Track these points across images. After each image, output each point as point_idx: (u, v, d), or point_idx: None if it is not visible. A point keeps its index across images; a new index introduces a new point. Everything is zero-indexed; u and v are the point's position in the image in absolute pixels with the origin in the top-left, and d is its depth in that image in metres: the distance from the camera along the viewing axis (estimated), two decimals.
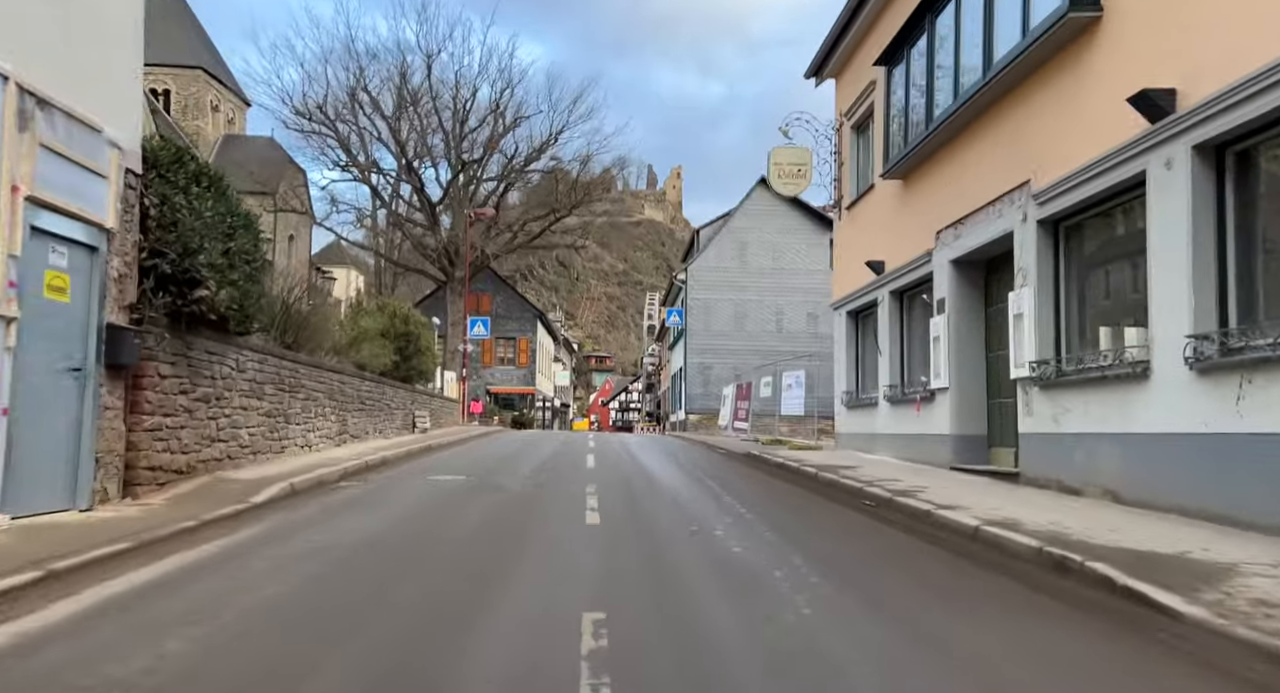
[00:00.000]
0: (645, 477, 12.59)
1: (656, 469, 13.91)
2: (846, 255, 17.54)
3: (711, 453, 19.55)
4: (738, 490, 10.84)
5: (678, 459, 16.61)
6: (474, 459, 15.06)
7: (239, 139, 57.90)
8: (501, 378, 49.22)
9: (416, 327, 20.98)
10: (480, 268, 45.85)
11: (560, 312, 77.90)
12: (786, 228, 38.76)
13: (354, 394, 15.44)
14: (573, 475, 12.35)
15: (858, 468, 12.35)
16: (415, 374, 21.96)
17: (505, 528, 7.60)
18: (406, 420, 19.89)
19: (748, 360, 38.62)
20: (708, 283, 38.55)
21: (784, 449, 18.51)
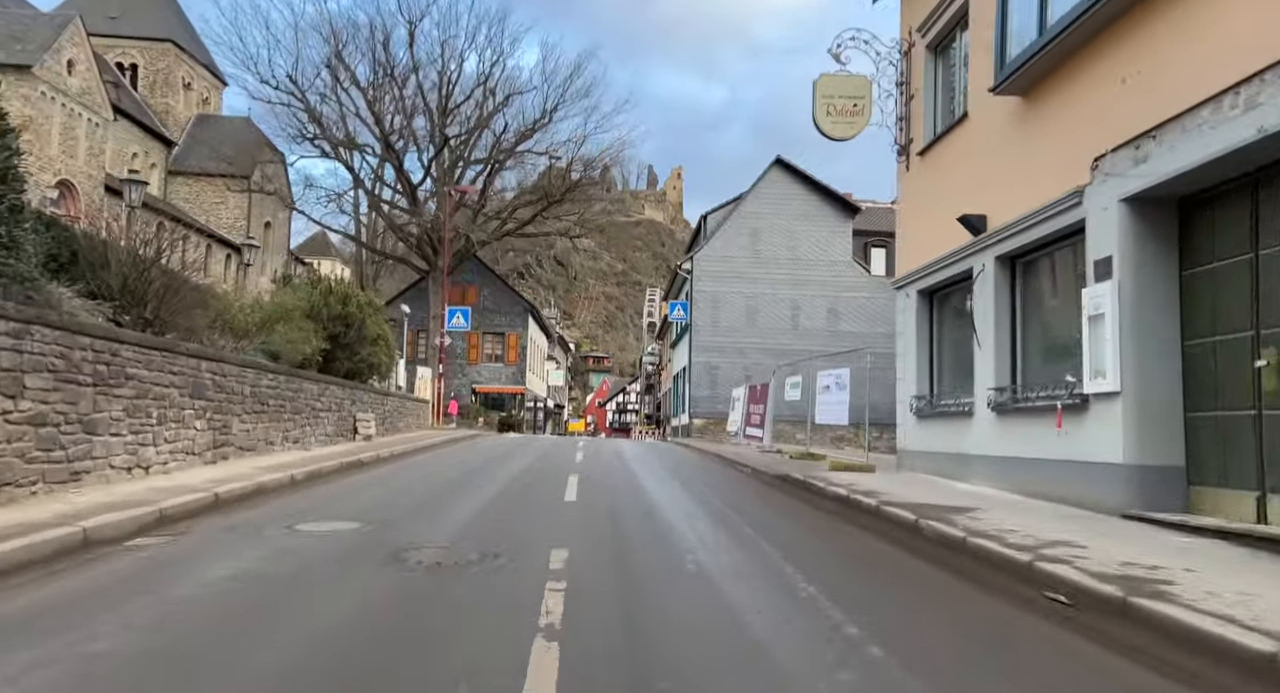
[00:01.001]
0: (652, 523, 8.10)
1: (667, 505, 9.43)
2: (918, 216, 13.11)
3: (732, 472, 15.08)
4: (808, 560, 6.36)
5: (692, 485, 12.15)
6: (403, 486, 10.57)
7: (213, 119, 53.46)
8: (489, 376, 44.77)
9: (361, 309, 16.51)
10: (466, 256, 41.37)
11: (554, 307, 73.51)
12: (804, 214, 34.36)
13: (244, 392, 10.95)
14: (538, 521, 7.89)
15: (977, 513, 7.90)
16: (364, 368, 17.51)
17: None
18: (344, 425, 15.40)
19: (759, 361, 34.18)
20: (715, 274, 34.15)
21: (824, 469, 14.08)
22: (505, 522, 7.68)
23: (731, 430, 31.30)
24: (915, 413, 12.72)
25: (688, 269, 34.84)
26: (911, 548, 7.02)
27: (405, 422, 20.98)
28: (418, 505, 8.52)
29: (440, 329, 30.65)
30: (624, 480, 12.15)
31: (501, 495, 9.68)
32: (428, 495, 9.48)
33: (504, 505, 8.82)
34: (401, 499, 9.05)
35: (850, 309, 34.37)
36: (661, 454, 20.00)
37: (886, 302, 35.86)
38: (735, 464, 16.37)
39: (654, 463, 16.60)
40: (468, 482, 11.27)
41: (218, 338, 12.00)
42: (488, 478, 11.92)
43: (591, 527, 7.60)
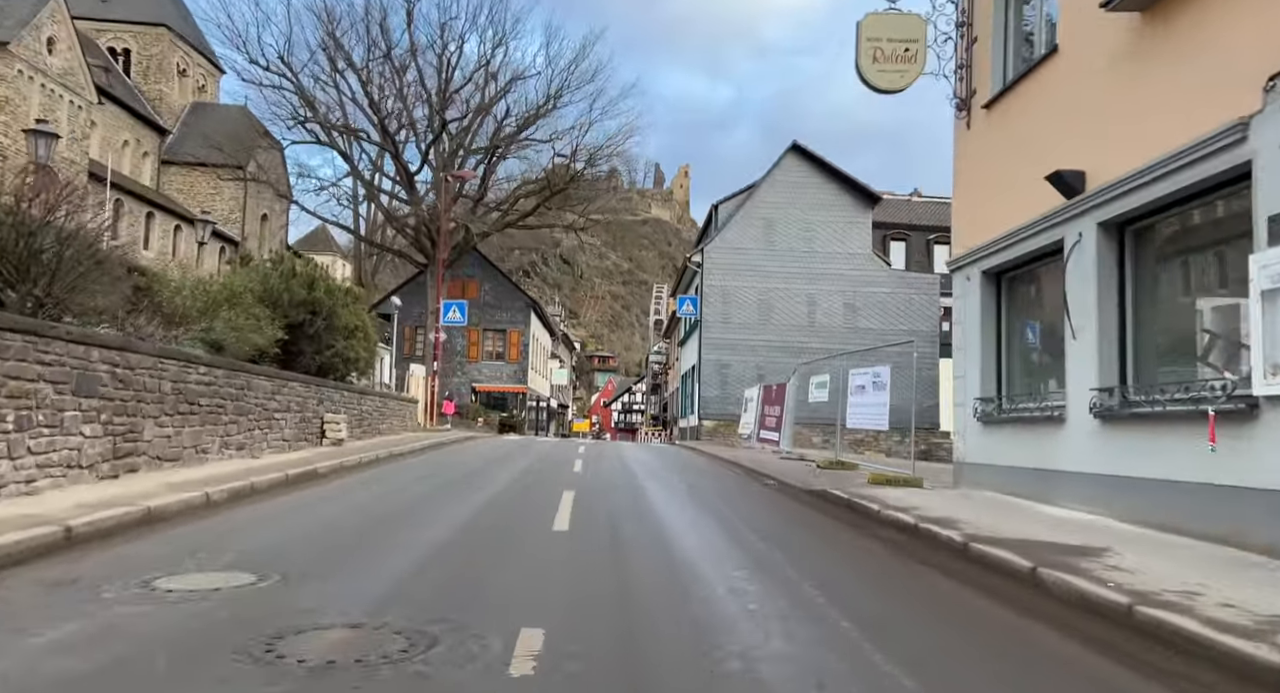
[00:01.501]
0: (670, 571, 5.89)
1: (687, 539, 7.22)
2: (981, 182, 10.90)
3: (755, 486, 12.88)
4: (912, 646, 4.15)
5: (713, 505, 9.95)
6: (351, 507, 8.42)
7: (209, 107, 51.45)
8: (489, 374, 42.66)
9: (332, 296, 14.36)
10: (465, 249, 39.25)
11: (559, 305, 71.35)
12: (821, 203, 32.13)
13: (163, 388, 8.81)
14: (511, 570, 5.69)
15: (1107, 556, 5.70)
16: (338, 363, 15.38)
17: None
18: (308, 428, 13.25)
19: (773, 359, 31.99)
20: (727, 266, 31.97)
21: (864, 482, 11.91)
22: (466, 570, 5.51)
23: (744, 433, 29.13)
24: (979, 418, 10.51)
25: (697, 262, 32.66)
26: (1039, 614, 4.82)
27: (389, 423, 18.84)
28: (354, 541, 6.35)
29: (436, 324, 28.52)
30: (629, 499, 9.97)
31: (472, 523, 7.52)
32: (375, 522, 7.31)
33: (471, 540, 6.65)
34: (338, 529, 6.88)
35: (869, 305, 32.14)
36: (671, 462, 17.84)
37: (908, 297, 33.65)
38: (757, 475, 14.18)
39: (664, 474, 14.43)
40: (436, 500, 9.11)
41: (144, 324, 9.88)
42: (463, 495, 9.76)
43: (586, 579, 5.44)
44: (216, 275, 43.88)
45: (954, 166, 11.66)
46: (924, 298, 32.22)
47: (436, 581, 5.12)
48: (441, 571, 5.43)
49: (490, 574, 5.38)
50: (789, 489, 11.79)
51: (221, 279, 12.16)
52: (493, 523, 7.57)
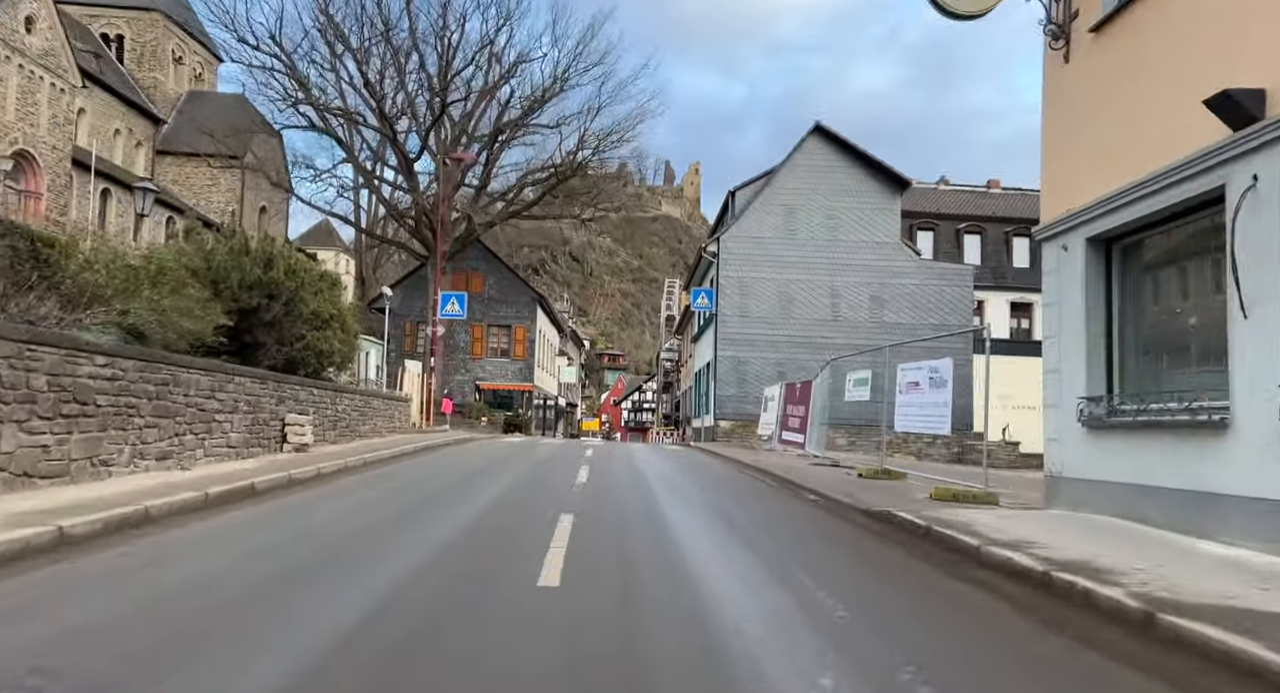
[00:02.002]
0: (707, 649, 3.72)
1: (724, 586, 5.05)
2: (1085, 125, 8.64)
3: (797, 504, 10.62)
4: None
5: (751, 532, 7.72)
6: (270, 545, 6.23)
7: (206, 96, 49.53)
8: (494, 372, 40.58)
9: (295, 278, 12.21)
10: (469, 240, 37.16)
11: (567, 302, 69.20)
12: (845, 188, 29.87)
13: (37, 384, 6.69)
14: (466, 668, 3.55)
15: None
16: (308, 357, 13.25)
17: None
18: (264, 432, 11.11)
19: (794, 355, 29.77)
20: (744, 257, 29.77)
21: (925, 498, 9.73)
22: (393, 673, 3.34)
23: (764, 434, 26.91)
24: (1085, 422, 8.27)
25: (713, 252, 30.43)
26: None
27: (372, 424, 16.71)
28: (207, 627, 4.16)
29: (433, 317, 26.42)
30: (645, 525, 7.78)
31: (420, 576, 5.32)
32: (274, 583, 5.10)
33: (409, 614, 4.45)
34: (214, 594, 4.68)
35: (898, 297, 29.86)
36: (690, 469, 15.64)
37: (938, 289, 31.26)
38: (794, 487, 11.98)
39: (685, 486, 12.25)
40: (386, 533, 6.92)
41: (36, 304, 7.78)
42: (430, 521, 7.60)
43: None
44: None
45: (1044, 114, 9.40)
46: (956, 290, 29.91)
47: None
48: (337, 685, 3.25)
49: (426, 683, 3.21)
50: (840, 509, 9.58)
51: (144, 251, 10.04)
52: (453, 575, 5.39)
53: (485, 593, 4.87)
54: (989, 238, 35.08)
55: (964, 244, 35.07)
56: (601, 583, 5.21)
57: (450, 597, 4.77)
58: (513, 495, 9.93)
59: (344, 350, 14.85)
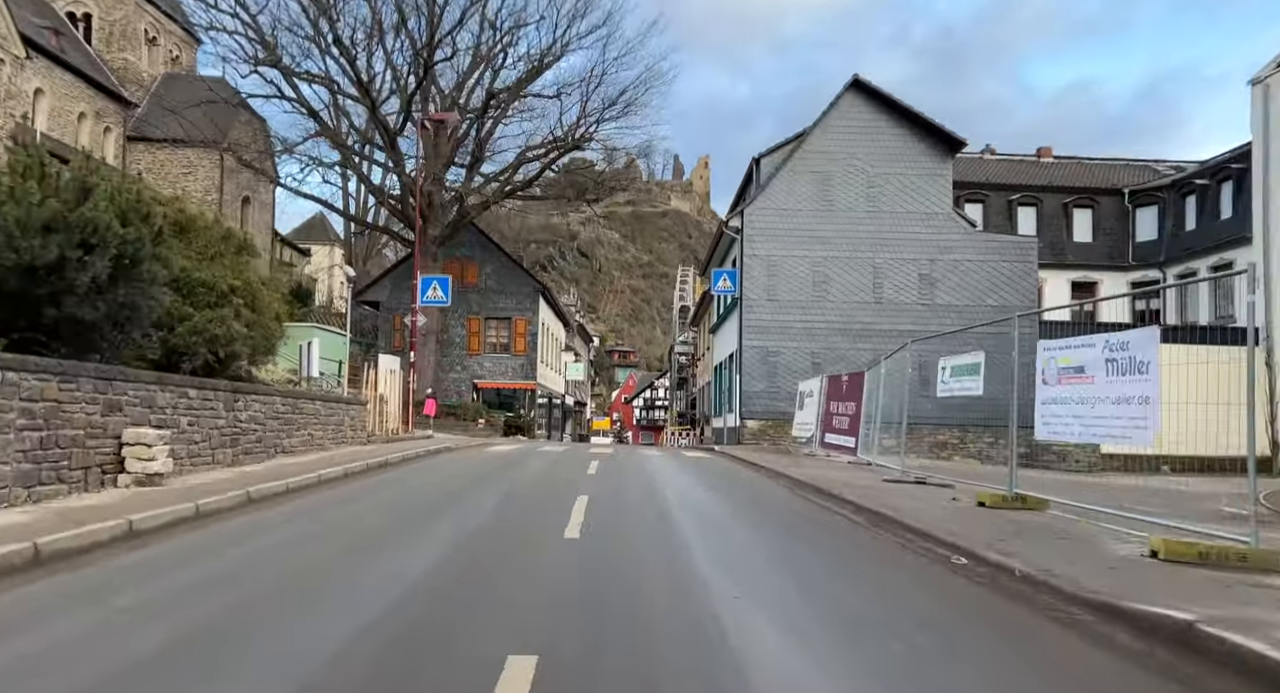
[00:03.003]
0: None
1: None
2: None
3: (956, 581, 6.29)
4: None
5: (906, 666, 3.53)
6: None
7: (182, 79, 45.46)
8: (493, 369, 36.45)
9: (150, 223, 8.03)
10: (461, 224, 33.01)
11: (574, 296, 65.00)
12: (889, 151, 25.57)
13: None
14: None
15: None
16: (198, 345, 9.09)
17: None
18: (72, 460, 6.93)
19: (832, 343, 25.51)
20: (772, 231, 25.54)
21: (1136, 555, 5.49)
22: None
23: (800, 436, 22.65)
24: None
25: (735, 227, 26.15)
26: None
27: (306, 435, 12.50)
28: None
29: (413, 304, 22.22)
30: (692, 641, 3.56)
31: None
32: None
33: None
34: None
35: (950, 276, 25.52)
36: (732, 494, 11.36)
37: (996, 265, 26.78)
38: (893, 526, 7.74)
39: (735, 530, 8.03)
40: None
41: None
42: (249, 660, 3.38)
43: None
44: None
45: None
46: (1016, 267, 25.52)
47: None
48: None
49: None
50: (1024, 591, 5.33)
51: None
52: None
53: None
54: (1046, 210, 30.67)
55: (1017, 217, 30.68)
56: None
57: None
58: (461, 555, 5.73)
59: (257, 338, 10.67)
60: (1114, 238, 30.47)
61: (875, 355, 26.50)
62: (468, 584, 5.01)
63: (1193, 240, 28.05)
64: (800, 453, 21.35)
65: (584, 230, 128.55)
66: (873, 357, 26.26)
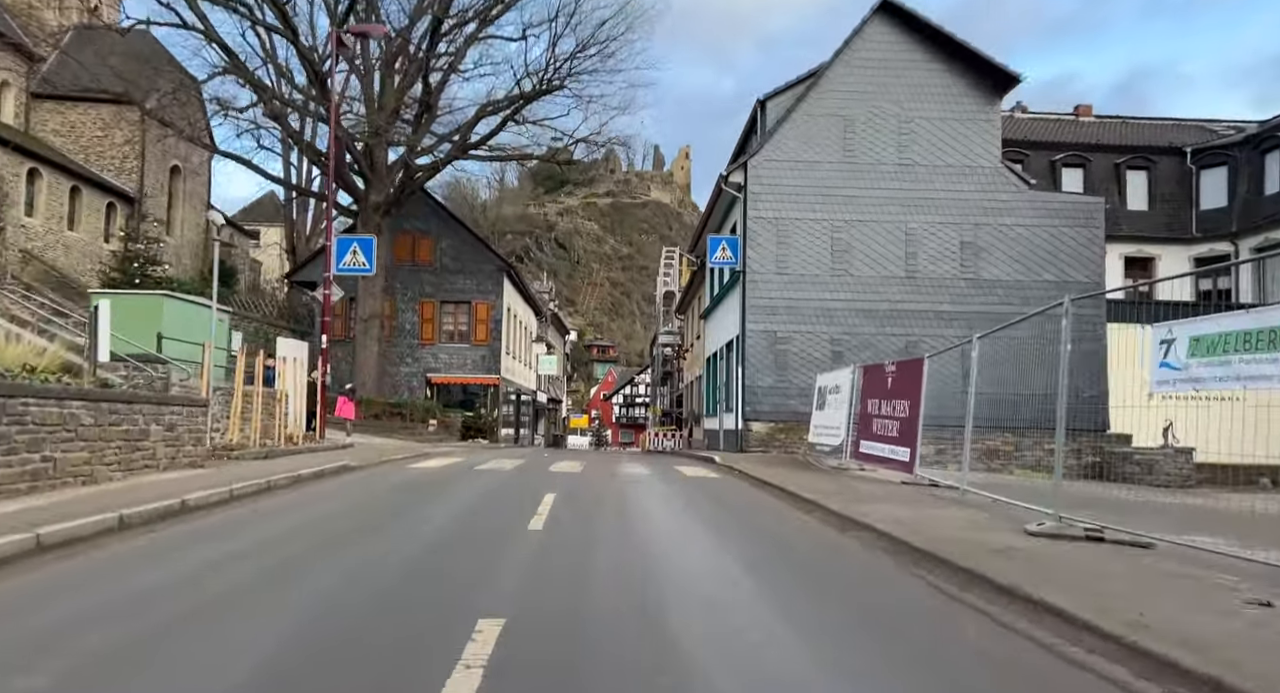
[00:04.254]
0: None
1: None
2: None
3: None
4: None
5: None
6: None
7: (99, 33, 39.55)
8: (450, 361, 31.11)
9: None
10: (407, 190, 27.61)
11: (547, 283, 59.49)
12: (926, 90, 20.58)
13: None
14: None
15: None
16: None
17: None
18: None
19: (855, 327, 20.47)
20: (783, 189, 20.50)
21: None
22: None
23: (821, 444, 17.55)
24: None
25: (737, 183, 20.97)
26: None
27: (77, 459, 7.15)
28: None
29: (326, 274, 16.82)
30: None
31: None
32: None
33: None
34: None
35: (999, 244, 20.54)
36: (801, 574, 5.98)
37: (1054, 231, 21.32)
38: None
39: None
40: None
41: None
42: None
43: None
44: (103, 243, 32.15)
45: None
46: (1080, 235, 20.59)
47: None
48: None
49: None
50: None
51: None
52: None
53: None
54: (1094, 172, 25.80)
55: (1060, 181, 25.79)
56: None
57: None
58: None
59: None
60: (1174, 205, 25.68)
61: (907, 342, 21.47)
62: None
63: (1274, 207, 23.32)
64: (824, 465, 16.26)
65: (561, 221, 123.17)
66: (905, 344, 21.28)
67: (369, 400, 26.03)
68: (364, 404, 25.74)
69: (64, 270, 30.72)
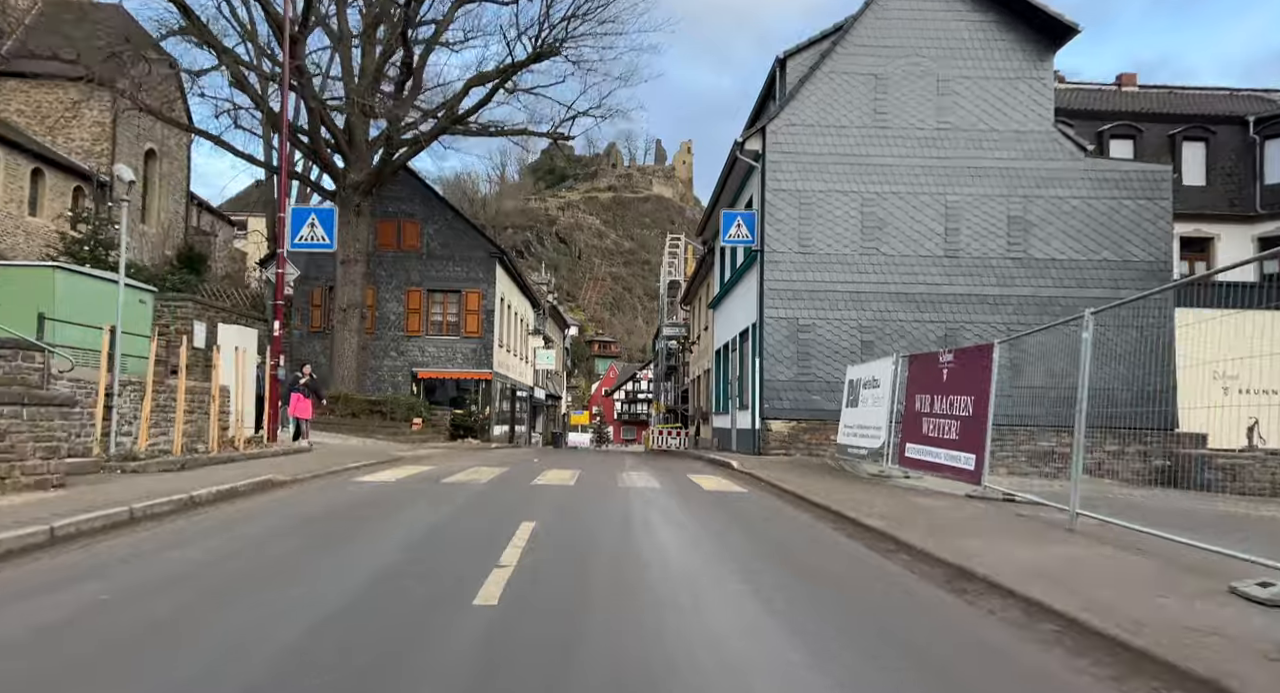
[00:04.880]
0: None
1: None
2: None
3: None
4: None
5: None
6: None
7: (68, 6, 37.13)
8: (438, 355, 28.57)
9: None
10: (387, 170, 25.04)
11: (544, 273, 57.00)
12: (966, 45, 18.01)
13: None
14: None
15: None
16: None
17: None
18: None
19: (887, 313, 17.92)
20: (806, 157, 17.94)
21: None
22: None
23: (854, 446, 14.96)
24: None
25: (754, 151, 18.37)
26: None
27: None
28: None
29: (279, 249, 14.23)
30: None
31: None
32: None
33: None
34: None
35: (1052, 219, 17.94)
36: None
37: (1114, 204, 17.98)
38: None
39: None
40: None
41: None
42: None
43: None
44: (70, 230, 29.45)
45: None
46: (1143, 208, 17.99)
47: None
48: None
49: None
50: None
51: None
52: None
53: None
54: (1146, 144, 23.17)
55: (1108, 153, 23.16)
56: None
57: None
58: None
59: None
60: (1236, 180, 23.05)
61: (947, 330, 18.89)
62: None
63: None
64: (861, 472, 13.71)
65: (562, 216, 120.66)
66: (944, 332, 18.71)
67: (347, 397, 23.50)
68: (341, 401, 23.21)
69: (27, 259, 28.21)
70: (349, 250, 24.50)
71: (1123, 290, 17.48)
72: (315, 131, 23.74)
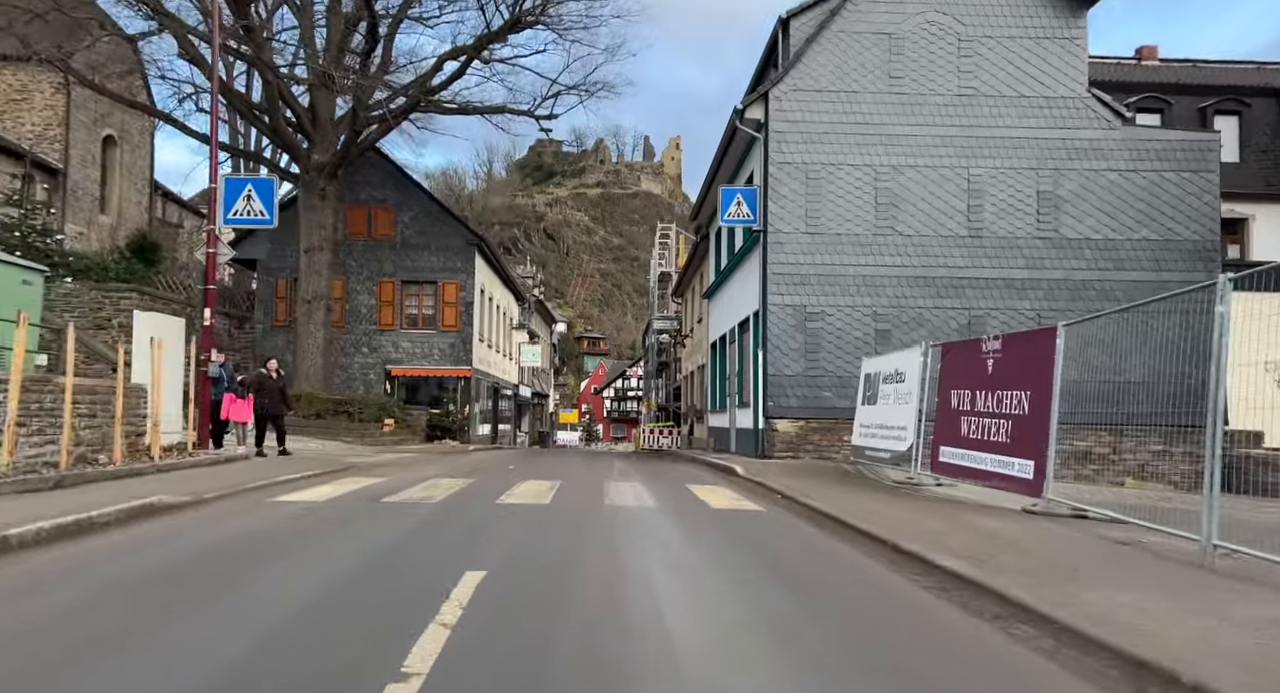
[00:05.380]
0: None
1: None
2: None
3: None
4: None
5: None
6: None
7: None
8: (412, 350, 26.45)
9: None
10: (353, 150, 22.89)
11: (529, 265, 54.82)
12: (987, 5, 16.07)
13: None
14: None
15: None
16: None
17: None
18: None
19: (905, 299, 15.96)
20: (813, 126, 15.96)
21: None
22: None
23: (874, 448, 12.97)
24: None
25: (755, 120, 16.35)
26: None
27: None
28: None
29: (211, 227, 12.12)
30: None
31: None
32: None
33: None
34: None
35: (1086, 194, 16.03)
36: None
37: (1154, 179, 15.87)
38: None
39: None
40: None
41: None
42: None
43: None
44: None
45: None
46: (1188, 182, 16.10)
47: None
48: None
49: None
50: None
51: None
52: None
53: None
54: (1175, 117, 21.31)
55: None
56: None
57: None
58: None
59: None
60: (1272, 157, 21.26)
61: (970, 318, 16.95)
62: None
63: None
64: (885, 478, 11.73)
65: (550, 212, 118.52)
66: (967, 321, 16.76)
67: (311, 396, 21.37)
68: (304, 401, 21.08)
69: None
70: (313, 238, 22.37)
71: (1165, 274, 15.61)
72: (274, 109, 21.57)
